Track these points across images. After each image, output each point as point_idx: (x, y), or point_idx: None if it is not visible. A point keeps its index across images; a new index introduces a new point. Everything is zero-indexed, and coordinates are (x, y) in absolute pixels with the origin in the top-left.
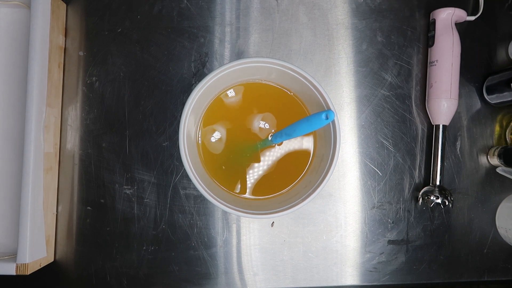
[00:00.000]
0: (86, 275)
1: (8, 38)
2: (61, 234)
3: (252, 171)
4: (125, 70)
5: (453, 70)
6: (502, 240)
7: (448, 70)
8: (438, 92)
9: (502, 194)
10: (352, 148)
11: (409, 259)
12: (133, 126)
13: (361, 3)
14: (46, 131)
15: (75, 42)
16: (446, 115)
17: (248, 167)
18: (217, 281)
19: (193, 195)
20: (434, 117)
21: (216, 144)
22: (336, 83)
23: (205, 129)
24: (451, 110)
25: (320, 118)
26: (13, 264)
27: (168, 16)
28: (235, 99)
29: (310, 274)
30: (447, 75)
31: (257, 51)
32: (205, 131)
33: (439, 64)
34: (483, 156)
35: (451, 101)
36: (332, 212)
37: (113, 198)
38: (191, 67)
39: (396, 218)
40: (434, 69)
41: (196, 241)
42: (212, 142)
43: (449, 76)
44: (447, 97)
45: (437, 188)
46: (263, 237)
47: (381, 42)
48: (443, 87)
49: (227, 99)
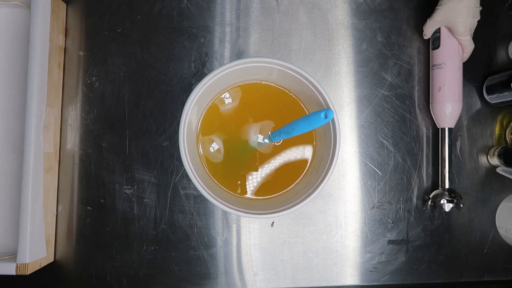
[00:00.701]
0: (86, 275)
1: (8, 38)
2: (61, 234)
3: (252, 171)
4: (125, 70)
5: (459, 73)
6: (502, 240)
7: (456, 73)
8: (445, 96)
9: (502, 194)
10: (352, 148)
11: (409, 259)
12: (133, 126)
13: (361, 3)
14: (46, 131)
15: (75, 42)
16: (452, 118)
17: (248, 167)
18: (217, 281)
19: (193, 195)
20: (440, 120)
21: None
22: (336, 83)
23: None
24: (457, 113)
25: (319, 117)
26: (13, 264)
27: (168, 16)
28: (235, 101)
29: (310, 274)
30: (454, 78)
31: (257, 51)
32: (205, 133)
33: (446, 67)
34: (483, 156)
35: (457, 104)
36: (332, 212)
37: (113, 198)
38: (191, 67)
39: (396, 218)
40: (441, 72)
41: (196, 241)
42: (212, 142)
43: (456, 79)
44: (454, 100)
45: (447, 192)
46: (263, 237)
47: (381, 42)
48: (451, 90)
49: (226, 100)
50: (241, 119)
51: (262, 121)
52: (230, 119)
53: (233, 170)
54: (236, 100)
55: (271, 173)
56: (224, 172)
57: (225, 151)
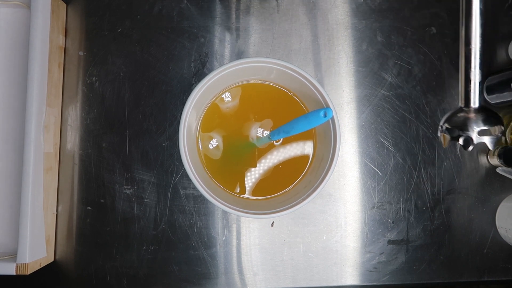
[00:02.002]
0: (86, 275)
1: (8, 38)
2: (61, 234)
3: (252, 171)
4: (125, 70)
5: None
6: (502, 240)
7: None
8: None
9: (502, 194)
10: (352, 148)
11: (409, 259)
12: (133, 126)
13: (361, 3)
14: (46, 131)
15: (75, 42)
16: None
17: (248, 167)
18: (217, 281)
19: (193, 195)
20: None
21: (215, 144)
22: (336, 83)
23: (205, 129)
24: None
25: (318, 116)
26: (13, 264)
27: (168, 16)
28: (235, 100)
29: (310, 274)
30: None
31: (257, 51)
32: (205, 131)
33: None
34: (483, 156)
35: None
36: (332, 212)
37: (113, 198)
38: (191, 67)
39: (396, 218)
40: None
41: (196, 241)
42: (212, 142)
43: None
44: None
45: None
46: (263, 237)
47: (381, 42)
48: None
49: (226, 99)
50: (241, 118)
51: (262, 120)
52: (230, 118)
53: (233, 169)
54: (236, 99)
55: (271, 173)
56: (224, 171)
57: (225, 149)
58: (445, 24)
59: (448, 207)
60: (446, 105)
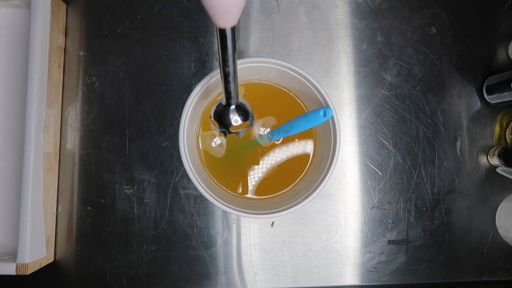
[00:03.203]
0: (86, 275)
1: (8, 38)
2: (61, 234)
3: (252, 171)
4: (125, 70)
5: None
6: (502, 240)
7: None
8: None
9: (502, 194)
10: (352, 148)
11: (409, 259)
12: (133, 126)
13: (361, 3)
14: (46, 131)
15: (75, 42)
16: None
17: (248, 167)
18: (217, 281)
19: (193, 195)
20: None
21: (216, 145)
22: (336, 83)
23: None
24: None
25: (317, 115)
26: (13, 264)
27: (168, 16)
28: None
29: (310, 274)
30: None
31: (257, 51)
32: (206, 130)
33: None
34: (483, 156)
35: None
36: (332, 212)
37: (113, 198)
38: (191, 67)
39: (396, 218)
40: None
41: (196, 241)
42: (212, 142)
43: None
44: None
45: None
46: (263, 237)
47: (381, 42)
48: None
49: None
50: None
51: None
52: None
53: (233, 169)
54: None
55: (271, 173)
56: (224, 171)
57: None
58: (445, 24)
59: (448, 207)
60: (446, 105)
